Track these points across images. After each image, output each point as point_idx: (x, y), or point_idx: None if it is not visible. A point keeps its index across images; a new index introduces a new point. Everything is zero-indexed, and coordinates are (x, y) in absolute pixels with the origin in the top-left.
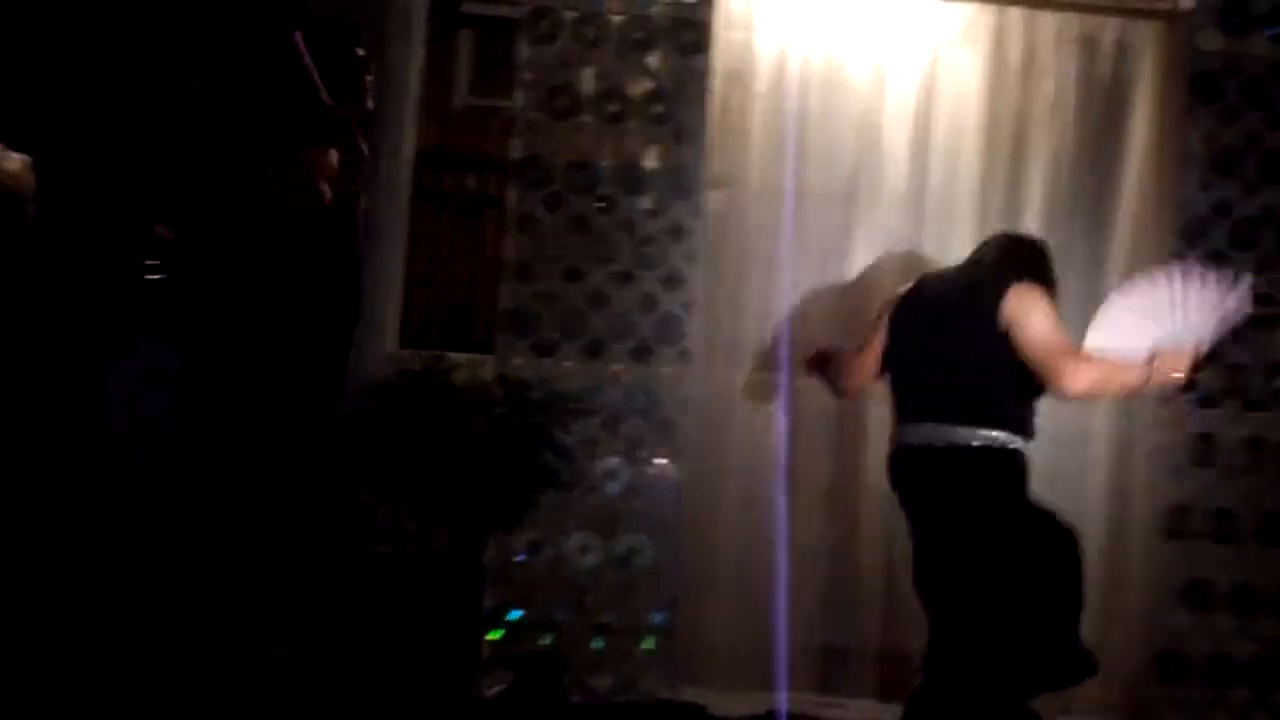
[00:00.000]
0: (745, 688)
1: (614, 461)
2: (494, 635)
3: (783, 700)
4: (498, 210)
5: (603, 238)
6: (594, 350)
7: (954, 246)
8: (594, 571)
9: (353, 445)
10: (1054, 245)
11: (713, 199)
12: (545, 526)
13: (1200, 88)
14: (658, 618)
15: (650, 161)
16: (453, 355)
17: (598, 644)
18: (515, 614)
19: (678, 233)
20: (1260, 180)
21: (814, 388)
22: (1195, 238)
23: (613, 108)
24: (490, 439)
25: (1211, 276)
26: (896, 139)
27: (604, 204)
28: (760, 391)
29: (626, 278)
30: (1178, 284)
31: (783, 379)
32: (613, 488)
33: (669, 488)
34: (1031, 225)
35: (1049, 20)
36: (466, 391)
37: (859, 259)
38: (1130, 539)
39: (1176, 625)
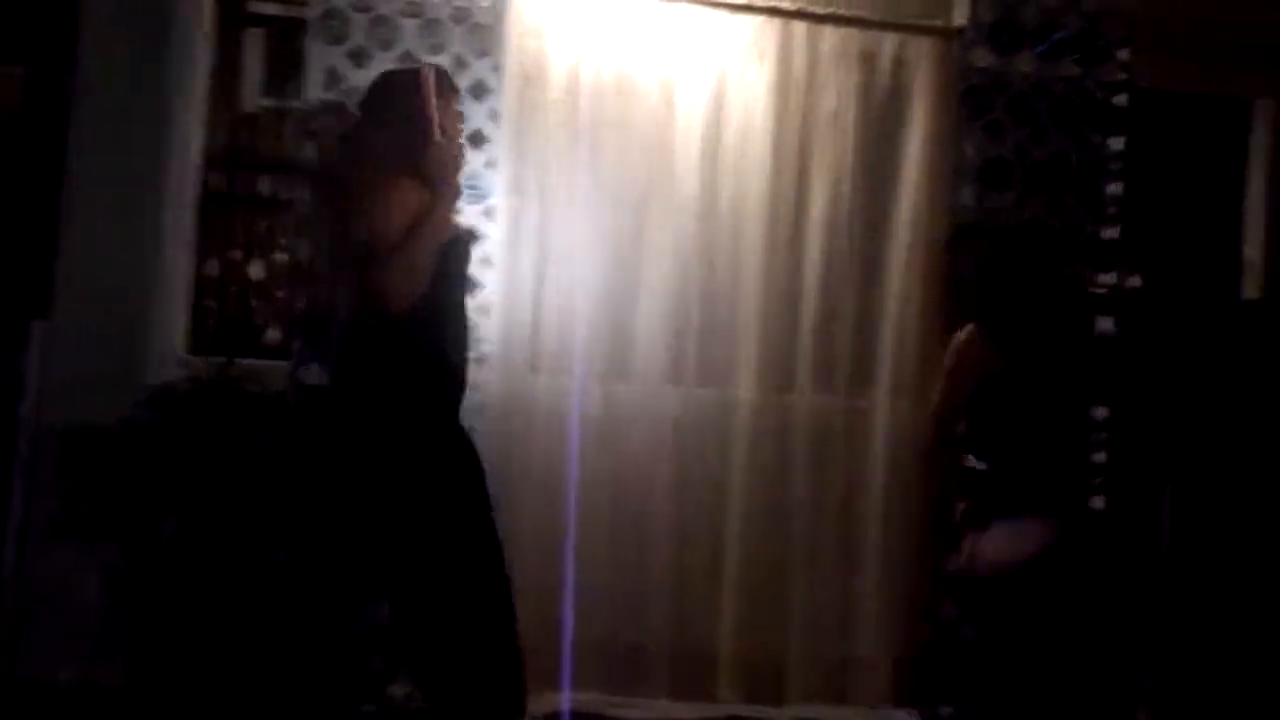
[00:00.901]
0: (533, 688)
1: None
2: None
3: (565, 700)
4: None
5: None
6: None
7: (744, 252)
8: None
9: (135, 455)
10: (833, 253)
11: (506, 204)
12: None
13: (971, 103)
14: None
15: None
16: (244, 362)
17: None
18: None
19: (472, 237)
20: (1027, 194)
21: (611, 393)
22: None
23: None
24: (282, 449)
25: None
26: (687, 147)
27: None
28: (555, 395)
29: None
30: None
31: (577, 382)
32: None
33: None
34: (814, 233)
35: (831, 35)
36: (258, 400)
37: (652, 264)
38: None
39: (946, 612)
